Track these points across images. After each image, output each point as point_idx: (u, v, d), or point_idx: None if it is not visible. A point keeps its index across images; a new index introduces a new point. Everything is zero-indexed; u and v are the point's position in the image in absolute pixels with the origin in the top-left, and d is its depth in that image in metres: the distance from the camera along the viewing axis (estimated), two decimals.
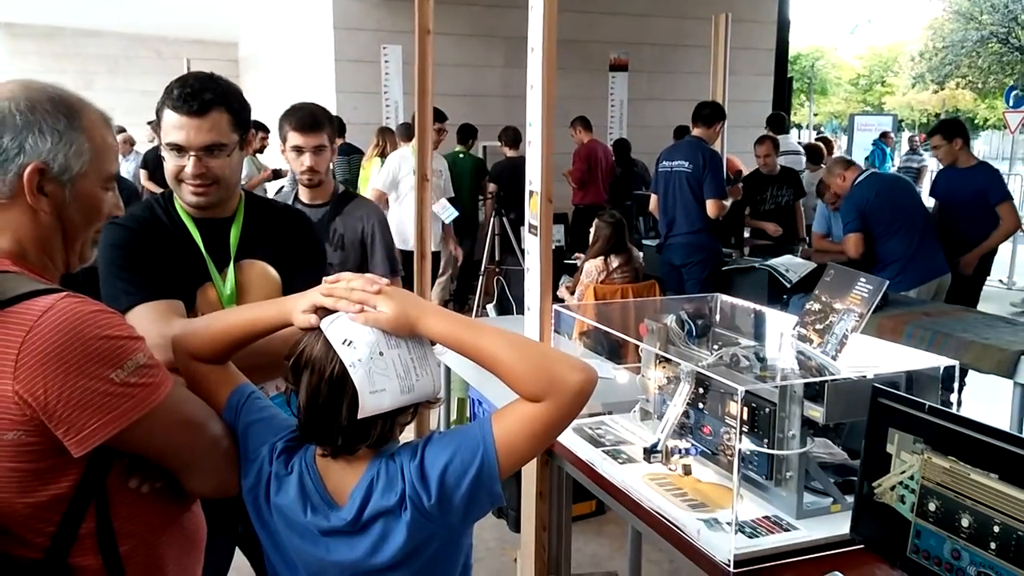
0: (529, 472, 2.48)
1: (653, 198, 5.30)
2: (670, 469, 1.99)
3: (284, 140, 2.58)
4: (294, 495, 1.21)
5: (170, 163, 1.65)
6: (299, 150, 2.54)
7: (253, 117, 1.82)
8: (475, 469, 1.14)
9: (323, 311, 1.18)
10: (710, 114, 4.94)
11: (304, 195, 2.67)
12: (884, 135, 14.70)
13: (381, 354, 1.14)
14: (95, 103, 1.21)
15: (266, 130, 7.29)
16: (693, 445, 2.00)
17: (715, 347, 2.19)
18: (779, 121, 8.06)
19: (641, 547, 2.92)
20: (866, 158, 13.64)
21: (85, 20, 12.17)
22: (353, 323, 1.15)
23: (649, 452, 2.02)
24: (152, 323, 1.50)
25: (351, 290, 1.17)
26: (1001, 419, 3.40)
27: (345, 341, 1.13)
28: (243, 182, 2.61)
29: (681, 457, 1.98)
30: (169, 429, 1.15)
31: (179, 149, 1.62)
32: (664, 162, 5.05)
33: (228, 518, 1.58)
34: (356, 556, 1.19)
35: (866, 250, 4.40)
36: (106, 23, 12.39)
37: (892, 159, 13.17)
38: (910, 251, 4.33)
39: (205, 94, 1.60)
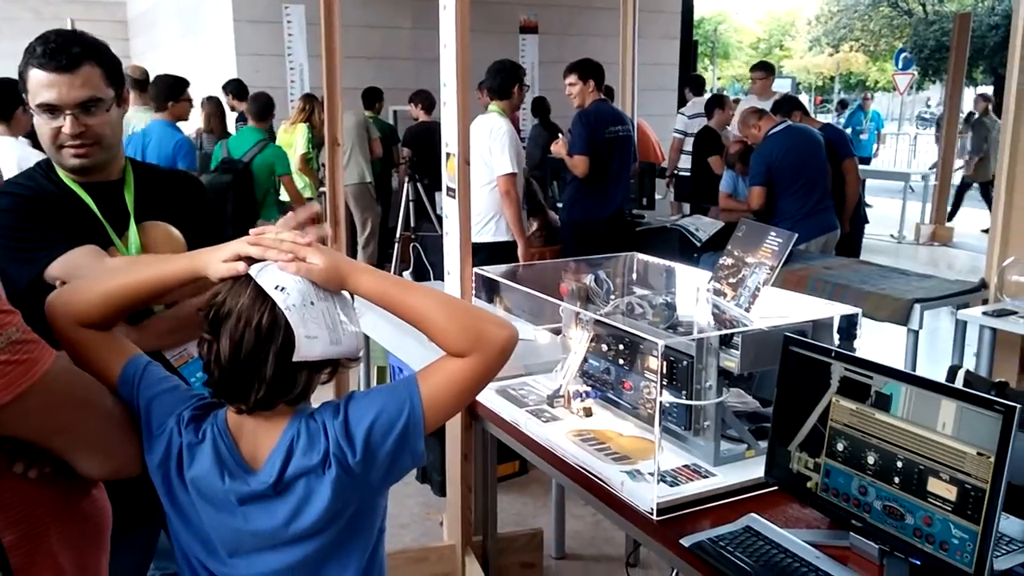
0: (453, 435, 2.49)
1: (584, 161, 4.57)
2: (572, 412, 2.08)
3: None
4: (209, 463, 1.17)
5: (44, 127, 1.54)
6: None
7: None
8: (401, 425, 1.15)
9: (249, 261, 1.15)
10: (601, 72, 4.69)
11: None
12: (864, 97, 14.66)
13: (312, 304, 1.13)
14: None
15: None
16: (594, 389, 2.10)
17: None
18: (698, 82, 8.19)
19: (565, 503, 2.99)
20: (848, 118, 13.79)
21: None
22: (283, 272, 1.13)
23: (552, 398, 2.14)
24: (91, 258, 1.42)
25: (281, 241, 1.15)
26: (896, 364, 3.61)
27: (278, 287, 1.12)
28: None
29: (582, 401, 2.08)
30: (50, 409, 1.05)
31: (52, 109, 1.51)
32: (611, 127, 4.66)
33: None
34: (275, 523, 1.16)
35: (766, 203, 4.58)
36: None
37: (862, 121, 13.36)
38: (804, 210, 4.53)
39: (73, 48, 1.50)
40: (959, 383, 2.05)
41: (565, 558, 2.99)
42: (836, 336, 2.51)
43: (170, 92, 4.61)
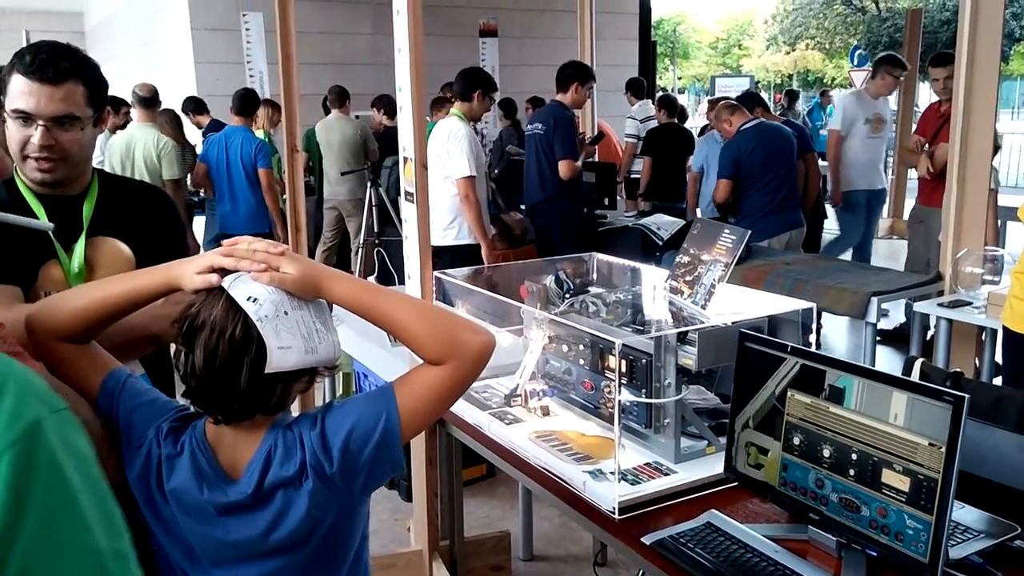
0: (418, 440, 2.48)
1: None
2: (530, 411, 2.09)
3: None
4: (187, 474, 1.17)
5: (15, 134, 1.53)
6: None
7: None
8: (378, 435, 1.15)
9: (222, 272, 1.15)
10: (570, 75, 4.82)
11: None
12: (823, 93, 15.01)
13: (286, 313, 1.13)
14: None
15: (128, 105, 6.86)
16: (556, 389, 2.09)
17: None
18: (637, 85, 8.18)
19: (532, 505, 2.98)
20: (807, 114, 14.05)
21: None
22: (256, 282, 1.13)
23: (509, 397, 2.14)
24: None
25: (254, 251, 1.15)
26: (855, 356, 3.66)
27: (250, 298, 1.11)
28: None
29: (539, 400, 2.09)
30: None
31: (26, 118, 1.51)
32: (528, 126, 5.07)
33: None
34: (255, 533, 1.16)
35: (732, 199, 4.63)
36: None
37: (821, 117, 13.62)
38: (770, 206, 4.58)
39: (62, 62, 1.51)
40: (916, 374, 2.08)
41: (533, 559, 2.99)
42: (799, 330, 2.55)
43: (252, 103, 5.75)
